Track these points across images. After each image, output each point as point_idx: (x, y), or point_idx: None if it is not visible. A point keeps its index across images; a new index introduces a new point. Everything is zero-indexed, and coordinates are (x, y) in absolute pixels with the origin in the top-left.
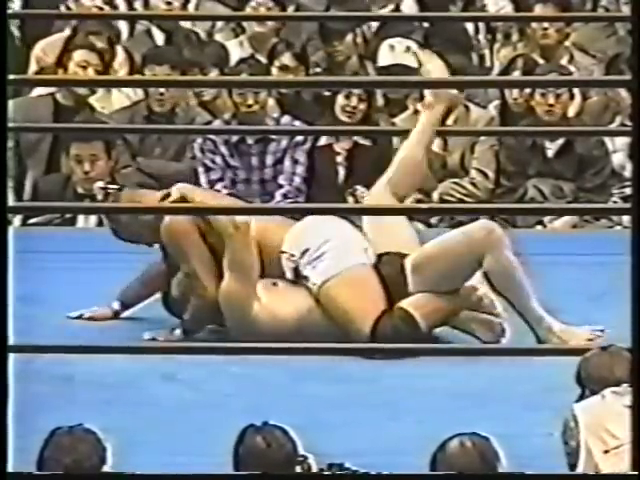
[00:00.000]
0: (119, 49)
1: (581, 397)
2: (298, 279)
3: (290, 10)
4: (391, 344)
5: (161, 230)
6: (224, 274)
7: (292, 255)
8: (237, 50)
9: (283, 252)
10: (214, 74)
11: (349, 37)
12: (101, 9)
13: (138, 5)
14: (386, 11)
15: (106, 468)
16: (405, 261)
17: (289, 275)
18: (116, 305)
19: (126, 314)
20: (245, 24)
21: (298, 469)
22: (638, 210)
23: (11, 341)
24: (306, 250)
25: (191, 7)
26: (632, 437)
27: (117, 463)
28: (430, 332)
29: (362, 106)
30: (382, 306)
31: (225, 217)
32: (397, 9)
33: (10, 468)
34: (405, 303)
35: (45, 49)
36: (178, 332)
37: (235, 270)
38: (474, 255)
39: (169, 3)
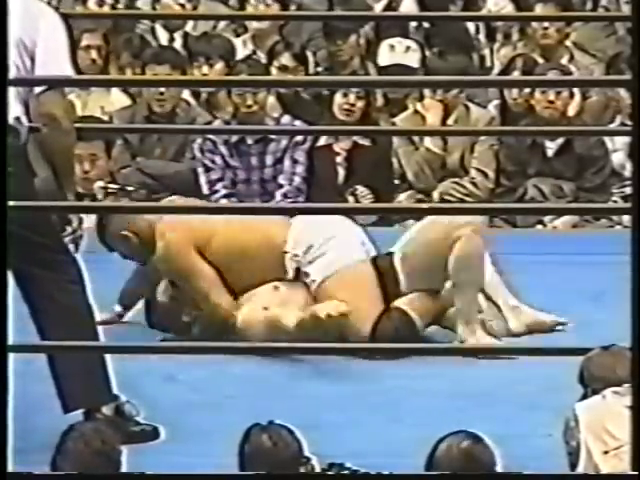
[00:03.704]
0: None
1: (584, 397)
2: (299, 277)
3: (292, 10)
4: (391, 344)
5: (157, 258)
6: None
7: (295, 255)
8: (239, 49)
9: (286, 252)
10: (220, 66)
11: (353, 37)
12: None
13: (140, 4)
14: (381, 6)
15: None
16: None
17: (291, 274)
18: (118, 308)
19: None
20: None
21: (302, 470)
22: (638, 210)
23: (10, 341)
24: (309, 248)
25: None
26: (632, 437)
27: None
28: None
29: (360, 104)
30: (379, 305)
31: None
32: (390, 5)
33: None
34: (401, 303)
35: None
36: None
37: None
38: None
39: (182, 5)
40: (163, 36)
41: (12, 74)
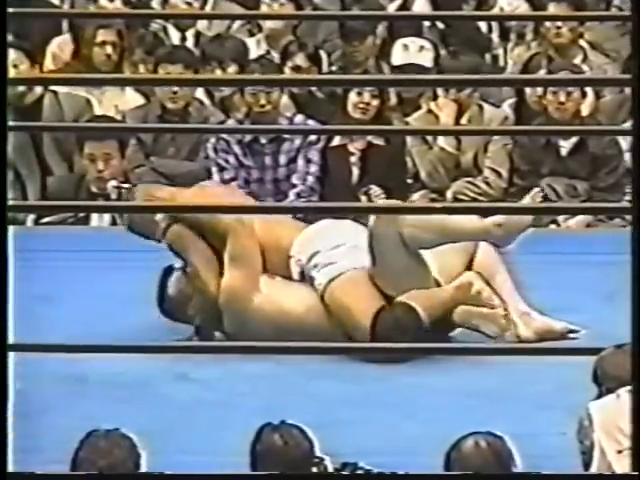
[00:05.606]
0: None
1: (598, 396)
2: (304, 280)
3: (306, 10)
4: (395, 340)
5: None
6: (225, 269)
7: (299, 260)
8: (253, 49)
9: (291, 256)
10: (232, 69)
11: (370, 38)
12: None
13: (154, 4)
14: (395, 6)
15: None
16: None
17: (295, 277)
18: None
19: None
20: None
21: (314, 470)
22: (638, 210)
23: (11, 340)
24: (315, 253)
25: (207, 7)
26: (632, 437)
27: None
28: (433, 328)
29: (375, 102)
30: (381, 302)
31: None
32: (404, 5)
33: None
34: (404, 297)
35: (61, 46)
36: (195, 339)
37: (238, 265)
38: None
39: (189, 4)
40: (175, 35)
41: None
